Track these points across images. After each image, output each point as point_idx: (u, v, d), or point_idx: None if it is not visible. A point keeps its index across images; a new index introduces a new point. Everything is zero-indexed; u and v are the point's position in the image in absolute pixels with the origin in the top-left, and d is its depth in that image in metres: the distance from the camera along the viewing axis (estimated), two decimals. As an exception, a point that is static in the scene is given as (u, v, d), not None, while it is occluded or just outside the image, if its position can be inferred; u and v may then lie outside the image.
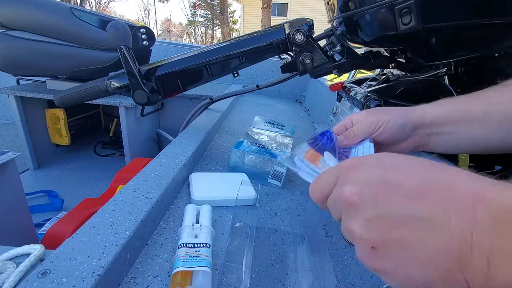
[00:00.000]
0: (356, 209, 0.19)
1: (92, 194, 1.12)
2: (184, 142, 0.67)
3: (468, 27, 0.43)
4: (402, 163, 0.20)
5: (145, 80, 0.61)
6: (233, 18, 21.52)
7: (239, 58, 0.62)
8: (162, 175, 0.50)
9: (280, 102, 1.54)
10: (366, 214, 0.19)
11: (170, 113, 1.53)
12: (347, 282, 0.39)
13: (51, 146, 1.33)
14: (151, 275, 0.35)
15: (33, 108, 1.19)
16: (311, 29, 0.60)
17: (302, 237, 0.46)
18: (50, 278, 0.28)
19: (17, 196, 0.69)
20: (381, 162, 0.20)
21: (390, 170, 0.19)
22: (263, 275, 0.38)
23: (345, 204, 0.20)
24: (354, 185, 0.20)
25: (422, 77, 0.58)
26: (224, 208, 0.51)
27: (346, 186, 0.20)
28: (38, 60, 1.03)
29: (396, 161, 0.20)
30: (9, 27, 0.99)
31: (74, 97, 0.64)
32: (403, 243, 0.17)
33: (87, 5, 14.87)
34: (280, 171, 0.60)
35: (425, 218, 0.17)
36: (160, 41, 1.69)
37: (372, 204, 0.19)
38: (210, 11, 17.97)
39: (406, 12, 0.44)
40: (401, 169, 0.19)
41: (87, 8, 1.60)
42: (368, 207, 0.19)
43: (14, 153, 0.64)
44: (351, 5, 0.54)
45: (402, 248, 0.17)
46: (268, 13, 9.26)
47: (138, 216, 0.39)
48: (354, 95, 0.67)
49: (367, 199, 0.19)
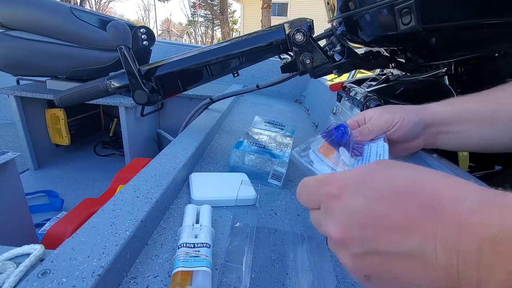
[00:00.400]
0: (343, 245, 0.19)
1: (92, 194, 1.12)
2: (184, 142, 0.67)
3: (468, 27, 0.43)
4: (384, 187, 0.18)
5: (145, 80, 0.61)
6: (233, 18, 21.52)
7: (239, 58, 0.62)
8: (162, 175, 0.50)
9: (280, 102, 1.54)
10: (354, 251, 0.19)
11: (170, 113, 1.53)
12: (347, 282, 0.39)
13: (51, 146, 1.33)
14: (151, 275, 0.35)
15: (33, 108, 1.19)
16: (311, 29, 0.60)
17: (302, 237, 0.46)
18: (50, 278, 0.28)
19: (17, 196, 0.69)
20: (363, 188, 0.19)
21: (373, 200, 0.18)
22: (263, 275, 0.38)
23: (332, 239, 0.20)
24: (338, 222, 0.19)
25: (422, 77, 0.58)
26: (224, 208, 0.51)
27: (330, 223, 0.20)
28: (38, 60, 1.03)
29: (379, 184, 0.19)
30: (9, 27, 0.99)
31: (74, 97, 0.64)
32: (394, 273, 0.17)
33: (87, 5, 14.87)
34: (280, 171, 0.60)
35: (412, 252, 0.16)
36: (160, 41, 1.69)
37: (358, 242, 0.18)
38: (210, 11, 17.97)
39: (406, 12, 0.44)
40: (385, 196, 0.18)
41: (87, 8, 1.60)
42: (355, 245, 0.18)
43: (14, 153, 0.64)
44: (351, 5, 0.54)
45: (394, 278, 0.18)
46: (268, 13, 9.27)
47: (138, 216, 0.39)
48: (354, 95, 0.67)
49: (353, 236, 0.19)
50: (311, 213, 0.23)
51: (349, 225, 0.19)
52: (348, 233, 0.19)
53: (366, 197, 0.18)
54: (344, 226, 0.19)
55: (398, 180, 0.18)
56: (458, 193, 0.16)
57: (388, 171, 0.19)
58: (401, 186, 0.18)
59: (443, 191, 0.17)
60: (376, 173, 0.19)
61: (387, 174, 0.19)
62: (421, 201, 0.17)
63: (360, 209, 0.18)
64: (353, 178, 0.20)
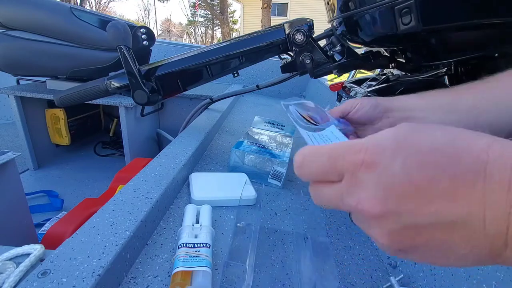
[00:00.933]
0: (379, 220, 0.17)
1: (92, 194, 1.12)
2: (184, 142, 0.67)
3: (468, 28, 0.43)
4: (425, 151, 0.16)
5: (145, 80, 0.61)
6: (233, 18, 21.52)
7: (239, 58, 0.62)
8: (162, 175, 0.50)
9: (280, 102, 1.54)
10: (391, 226, 0.17)
11: (170, 113, 1.53)
12: (347, 282, 0.39)
13: (51, 146, 1.33)
14: (151, 275, 0.35)
15: (33, 108, 1.19)
16: (311, 29, 0.60)
17: (304, 237, 0.46)
18: (50, 278, 0.28)
19: (17, 196, 0.69)
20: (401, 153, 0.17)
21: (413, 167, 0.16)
22: (263, 275, 0.38)
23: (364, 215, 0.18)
24: (373, 196, 0.17)
25: (422, 77, 0.58)
26: (224, 208, 0.51)
27: (363, 197, 0.17)
28: (38, 60, 1.03)
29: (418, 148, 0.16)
30: (9, 27, 0.99)
31: (74, 97, 0.64)
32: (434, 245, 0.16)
33: (87, 5, 14.87)
34: (280, 171, 0.60)
35: (456, 222, 0.15)
36: (160, 41, 1.69)
37: (397, 216, 0.16)
38: (210, 11, 17.98)
39: (406, 12, 0.44)
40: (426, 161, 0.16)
41: (87, 8, 1.60)
42: (393, 219, 0.17)
43: (14, 153, 0.64)
44: (351, 5, 0.54)
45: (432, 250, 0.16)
46: (268, 13, 9.26)
47: (138, 216, 0.39)
48: (354, 95, 0.67)
49: (391, 211, 0.16)
50: (324, 188, 0.19)
51: (386, 198, 0.17)
52: (386, 207, 0.17)
53: (404, 164, 0.16)
54: (381, 199, 0.17)
55: (439, 141, 0.16)
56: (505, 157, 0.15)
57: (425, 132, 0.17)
58: (442, 148, 0.16)
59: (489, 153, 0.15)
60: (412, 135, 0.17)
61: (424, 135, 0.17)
62: (467, 165, 0.15)
63: (399, 178, 0.16)
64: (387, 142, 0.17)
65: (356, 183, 0.18)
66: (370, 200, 0.17)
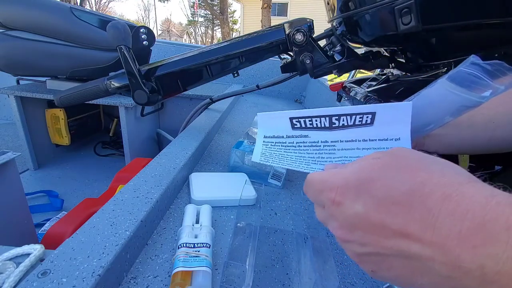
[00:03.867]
0: (349, 244, 0.21)
1: (92, 194, 1.12)
2: (184, 142, 0.67)
3: (468, 27, 0.43)
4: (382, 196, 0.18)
5: (145, 80, 0.61)
6: (233, 18, 21.52)
7: (239, 58, 0.62)
8: (162, 175, 0.50)
9: (280, 102, 1.54)
10: (359, 251, 0.20)
11: (170, 113, 1.53)
12: (347, 282, 0.39)
13: (51, 146, 1.33)
14: (151, 275, 0.35)
15: (33, 108, 1.19)
16: (311, 29, 0.60)
17: (304, 237, 0.46)
18: (50, 278, 0.28)
19: (17, 196, 0.69)
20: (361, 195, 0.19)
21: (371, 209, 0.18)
22: (263, 275, 0.38)
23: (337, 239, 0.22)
24: (340, 226, 0.21)
25: (422, 77, 0.58)
26: (224, 208, 0.51)
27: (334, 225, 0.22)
28: (38, 60, 1.03)
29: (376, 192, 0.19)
30: (9, 27, 0.99)
31: (74, 97, 0.64)
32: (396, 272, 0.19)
33: (87, 5, 14.87)
34: (280, 171, 0.60)
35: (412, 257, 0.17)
36: (160, 41, 1.69)
37: (360, 244, 0.20)
38: (210, 11, 17.97)
39: (406, 12, 0.44)
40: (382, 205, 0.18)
41: (87, 8, 1.60)
42: (357, 246, 0.20)
43: (14, 153, 0.64)
44: (351, 5, 0.54)
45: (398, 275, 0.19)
46: (268, 13, 9.26)
47: (138, 216, 0.39)
48: (354, 95, 0.66)
49: (356, 240, 0.20)
50: (317, 209, 0.24)
51: (350, 230, 0.20)
52: (352, 237, 0.20)
53: (364, 205, 0.19)
54: (345, 230, 0.20)
55: (396, 187, 0.18)
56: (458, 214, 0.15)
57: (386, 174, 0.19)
58: (398, 195, 0.18)
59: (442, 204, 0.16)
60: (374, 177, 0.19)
61: (384, 179, 0.19)
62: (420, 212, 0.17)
63: (359, 217, 0.19)
64: (352, 184, 0.20)
65: (331, 214, 0.22)
66: (339, 229, 0.21)
